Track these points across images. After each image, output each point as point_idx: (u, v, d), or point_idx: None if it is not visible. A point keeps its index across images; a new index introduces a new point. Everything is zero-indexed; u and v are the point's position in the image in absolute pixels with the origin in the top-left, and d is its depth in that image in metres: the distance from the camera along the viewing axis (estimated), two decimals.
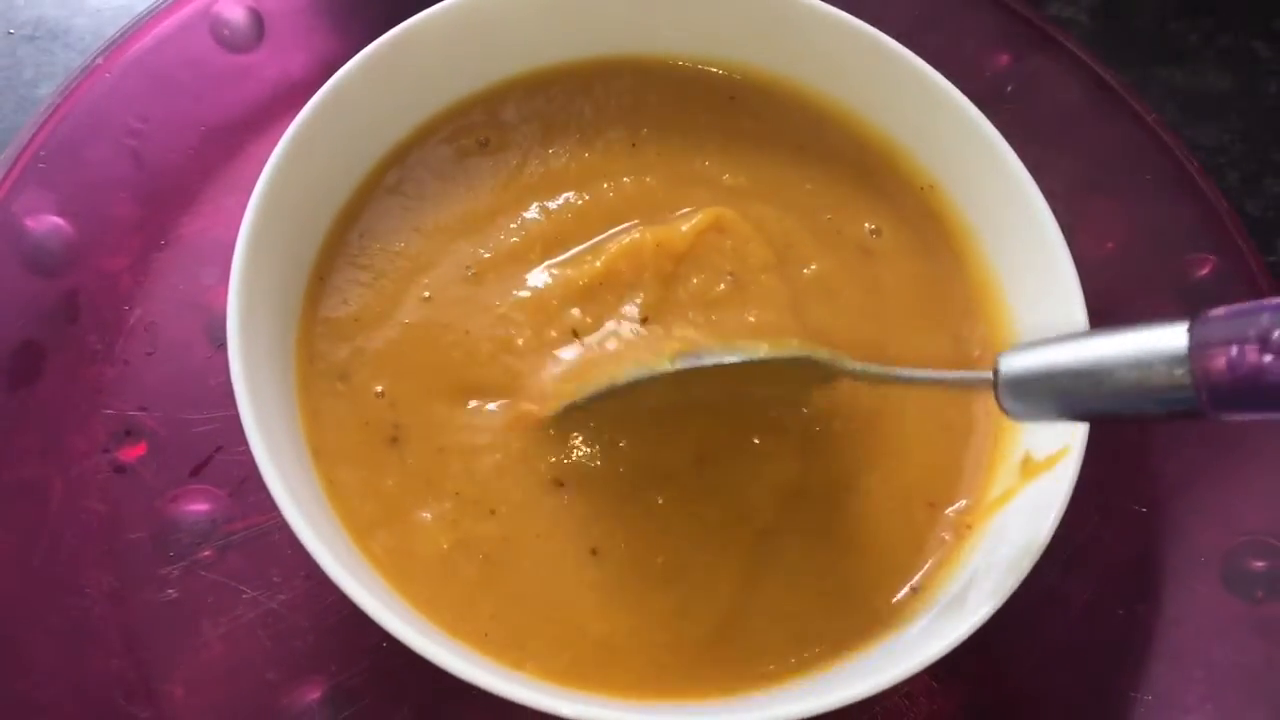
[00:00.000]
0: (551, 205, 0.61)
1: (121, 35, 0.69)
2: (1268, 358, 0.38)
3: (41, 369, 0.61)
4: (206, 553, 0.58)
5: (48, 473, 0.59)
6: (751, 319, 0.58)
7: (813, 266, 0.61)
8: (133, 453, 0.60)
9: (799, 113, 0.66)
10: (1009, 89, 0.74)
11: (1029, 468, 0.54)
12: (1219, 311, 0.40)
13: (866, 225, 0.63)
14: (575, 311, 0.58)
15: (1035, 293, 0.58)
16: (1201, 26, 0.83)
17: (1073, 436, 0.52)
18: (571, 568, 0.52)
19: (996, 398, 0.46)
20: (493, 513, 0.53)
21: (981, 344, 0.60)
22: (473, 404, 0.55)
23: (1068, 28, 0.80)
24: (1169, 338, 0.40)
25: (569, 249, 0.60)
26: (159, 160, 0.67)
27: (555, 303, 0.58)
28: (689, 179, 0.63)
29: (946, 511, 0.56)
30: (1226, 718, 0.58)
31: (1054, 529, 0.50)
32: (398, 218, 0.60)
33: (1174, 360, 0.40)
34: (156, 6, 0.70)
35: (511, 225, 0.60)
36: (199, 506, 0.59)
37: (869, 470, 0.56)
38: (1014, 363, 0.45)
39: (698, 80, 0.66)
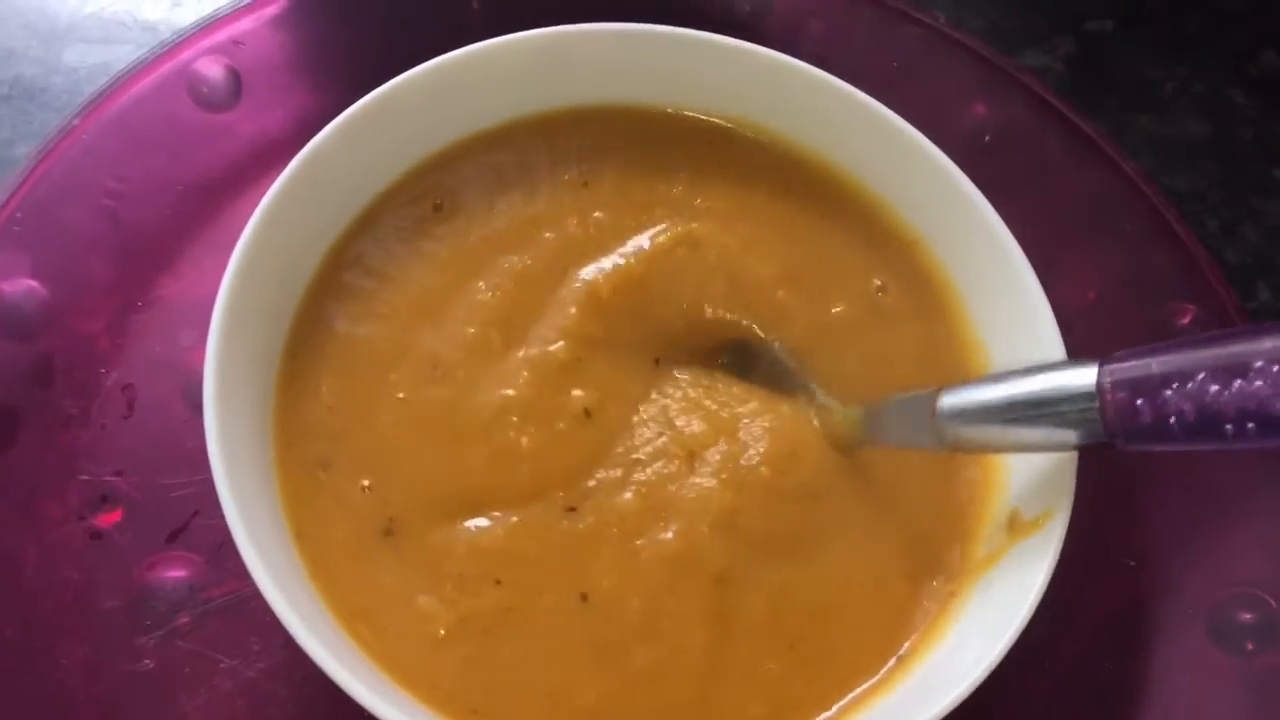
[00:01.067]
0: (495, 279, 0.59)
1: (98, 95, 0.69)
2: (1166, 393, 0.43)
3: (15, 434, 0.60)
4: (183, 620, 0.57)
5: (21, 540, 0.58)
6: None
7: (839, 308, 0.60)
8: (109, 519, 0.59)
9: (783, 159, 0.65)
10: (986, 139, 0.74)
11: (1016, 528, 0.54)
12: (1125, 352, 0.46)
13: (875, 281, 0.62)
14: (577, 393, 0.56)
15: (1018, 350, 0.57)
16: (1177, 74, 0.84)
17: (1061, 497, 0.52)
18: (564, 621, 0.52)
19: (935, 430, 0.50)
20: (499, 583, 0.52)
21: None
22: (479, 512, 0.54)
23: (1043, 76, 0.80)
24: (1081, 376, 0.46)
25: (524, 326, 0.58)
26: (136, 221, 0.66)
27: (547, 393, 0.56)
28: (647, 205, 0.62)
29: (931, 583, 0.55)
30: None
31: (1042, 593, 0.49)
32: (362, 301, 0.59)
33: (1084, 396, 0.46)
34: (134, 66, 0.70)
35: (460, 313, 0.58)
36: (176, 573, 0.58)
37: (841, 539, 0.55)
38: (950, 398, 0.50)
39: (673, 122, 0.65)
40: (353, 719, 0.54)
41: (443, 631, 0.51)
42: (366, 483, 0.54)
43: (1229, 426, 0.41)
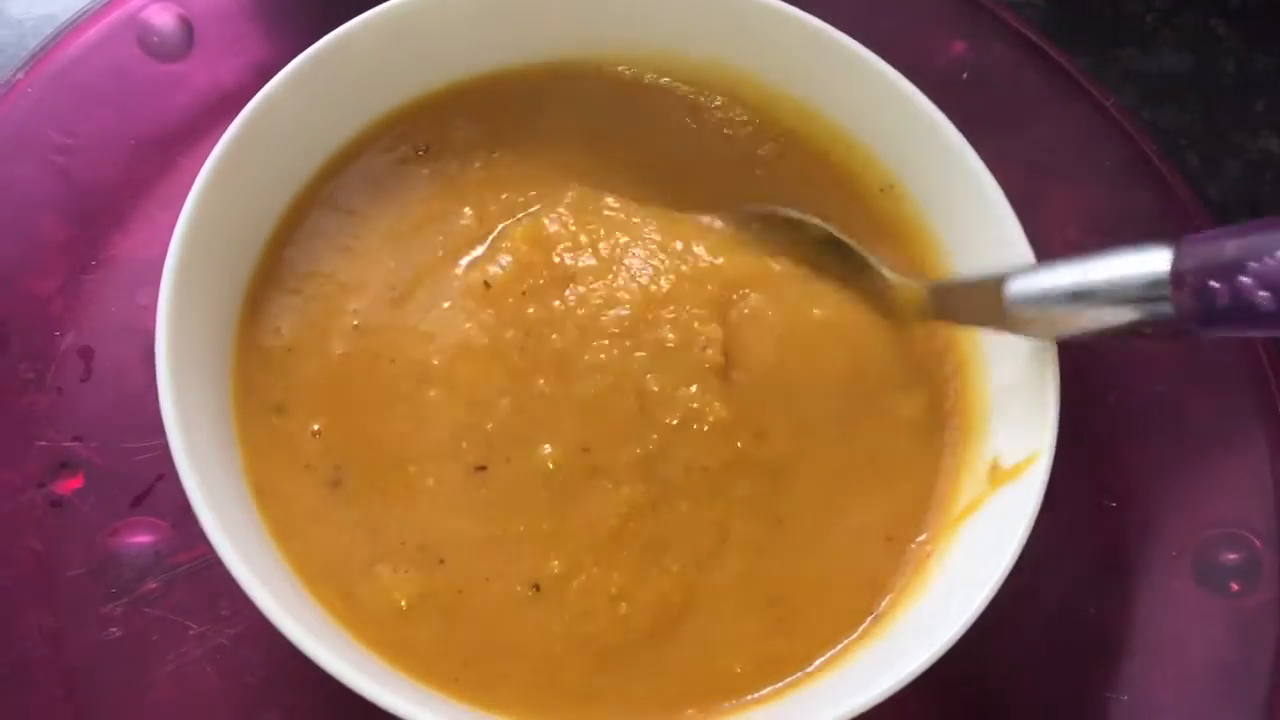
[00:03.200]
0: (487, 209, 0.58)
1: (44, 47, 0.66)
2: (1245, 280, 0.41)
3: None
4: (151, 587, 0.56)
5: None
6: None
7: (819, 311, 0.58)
8: (69, 485, 0.57)
9: (759, 118, 0.63)
10: (965, 76, 0.72)
11: (997, 476, 0.53)
12: (1201, 234, 0.44)
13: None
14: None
15: None
16: (1158, 6, 0.82)
17: (1042, 442, 0.51)
18: (527, 613, 0.50)
19: (1004, 312, 0.50)
20: (442, 562, 0.51)
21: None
22: (407, 443, 0.53)
23: (1023, 12, 0.78)
24: (1154, 261, 0.45)
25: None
26: (88, 177, 0.64)
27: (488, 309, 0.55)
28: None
29: (910, 541, 0.54)
30: (1204, 715, 0.57)
31: (1024, 542, 0.48)
32: (330, 236, 0.57)
33: (1157, 280, 0.45)
34: (80, 15, 0.67)
35: (439, 237, 0.57)
36: (141, 539, 0.57)
37: (821, 505, 0.54)
38: (1019, 284, 0.50)
39: (651, 92, 0.63)
40: (328, 683, 0.53)
41: (405, 604, 0.50)
42: (316, 426, 0.53)
43: None
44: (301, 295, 0.56)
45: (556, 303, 0.55)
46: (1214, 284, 0.42)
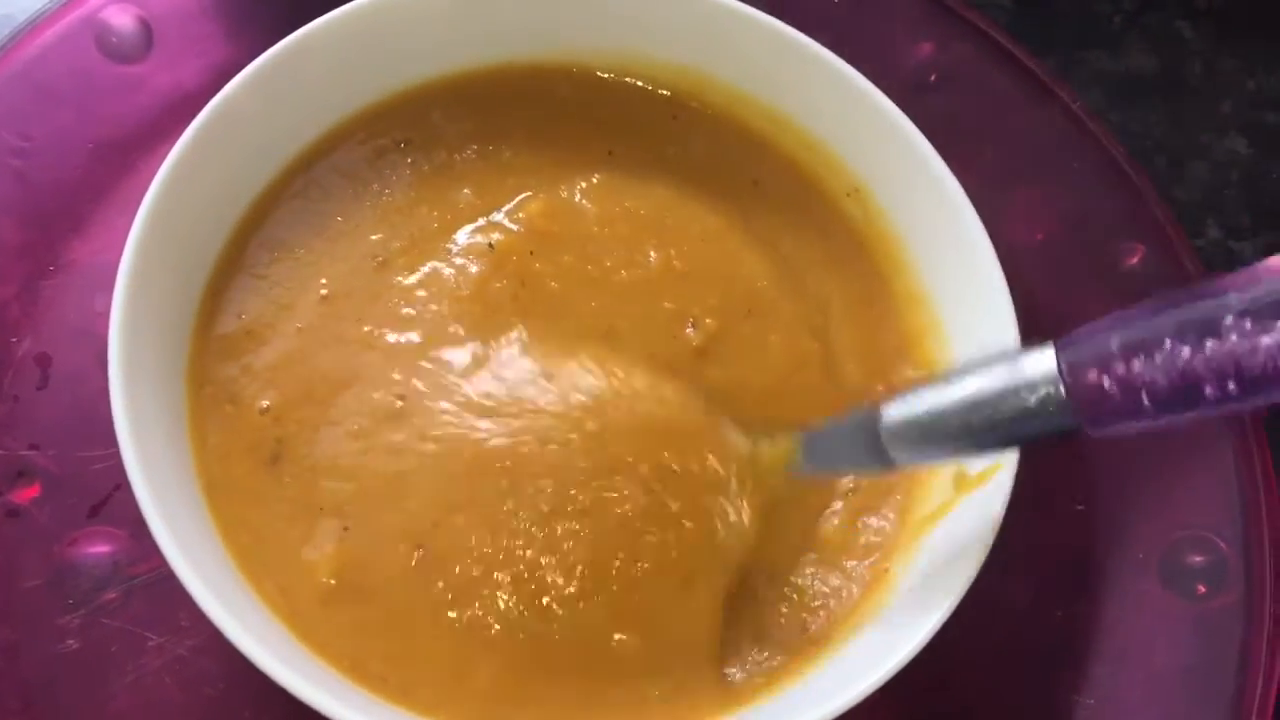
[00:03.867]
0: (489, 196, 0.58)
1: (0, 48, 0.65)
2: (1135, 365, 0.39)
3: None
4: (109, 597, 0.55)
5: None
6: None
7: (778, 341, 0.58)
8: (26, 495, 0.56)
9: (724, 123, 0.63)
10: (932, 79, 0.72)
11: (962, 483, 0.53)
12: (1081, 331, 0.41)
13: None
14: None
15: (964, 301, 0.56)
16: (1125, 8, 0.82)
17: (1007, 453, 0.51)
18: (415, 584, 0.49)
19: (883, 449, 0.46)
20: (346, 529, 0.50)
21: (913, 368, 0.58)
22: (355, 399, 0.52)
23: (990, 12, 0.78)
24: (1037, 361, 0.42)
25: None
26: (45, 180, 0.63)
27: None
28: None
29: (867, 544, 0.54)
30: (1171, 717, 0.57)
31: (990, 547, 0.48)
32: (301, 223, 0.57)
33: (1045, 381, 0.41)
34: (37, 16, 0.66)
35: (434, 212, 0.57)
36: (99, 549, 0.56)
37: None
38: (895, 412, 0.46)
39: (619, 90, 0.63)
40: (287, 696, 0.53)
41: (325, 588, 0.49)
42: (265, 403, 0.52)
43: (1208, 389, 0.37)
44: (268, 280, 0.55)
45: (567, 257, 0.55)
46: (1104, 378, 0.39)
